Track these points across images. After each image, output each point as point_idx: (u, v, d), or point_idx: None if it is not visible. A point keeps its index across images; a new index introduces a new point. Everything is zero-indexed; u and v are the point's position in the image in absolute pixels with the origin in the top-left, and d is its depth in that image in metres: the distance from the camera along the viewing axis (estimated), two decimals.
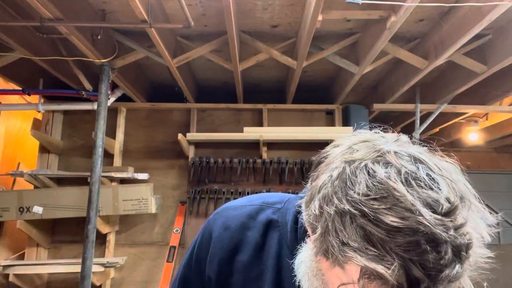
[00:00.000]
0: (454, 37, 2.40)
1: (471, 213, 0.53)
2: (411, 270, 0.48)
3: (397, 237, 0.48)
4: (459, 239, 0.49)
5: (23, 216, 3.18)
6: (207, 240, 0.82)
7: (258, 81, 3.84)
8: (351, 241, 0.51)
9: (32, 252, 3.44)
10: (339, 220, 0.52)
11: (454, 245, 0.49)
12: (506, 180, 5.05)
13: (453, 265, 0.49)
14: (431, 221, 0.48)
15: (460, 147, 5.22)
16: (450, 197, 0.51)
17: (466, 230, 0.50)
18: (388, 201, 0.50)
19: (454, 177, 0.56)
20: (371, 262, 0.49)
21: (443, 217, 0.49)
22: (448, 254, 0.49)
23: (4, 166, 3.93)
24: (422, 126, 3.59)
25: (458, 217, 0.50)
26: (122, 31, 2.80)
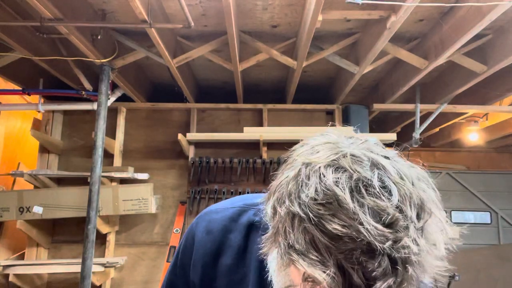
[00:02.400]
0: (454, 37, 2.40)
1: (428, 224, 0.51)
2: (350, 278, 0.48)
3: (338, 244, 0.48)
4: (395, 252, 0.48)
5: (23, 216, 3.18)
6: (190, 244, 0.82)
7: (258, 81, 3.84)
8: (297, 244, 0.50)
9: (32, 252, 3.44)
10: (289, 222, 0.52)
11: (391, 258, 0.48)
12: (506, 180, 5.05)
13: (386, 278, 0.47)
14: (371, 231, 0.47)
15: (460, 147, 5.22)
16: (400, 207, 0.49)
17: (407, 243, 0.48)
18: (332, 207, 0.49)
19: (417, 185, 0.53)
20: (312, 267, 0.48)
21: (386, 228, 0.48)
22: (382, 266, 0.47)
23: (4, 166, 3.93)
24: (422, 126, 3.60)
25: (400, 229, 0.48)
26: (122, 31, 2.80)
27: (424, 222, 0.50)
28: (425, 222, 0.51)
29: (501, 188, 5.03)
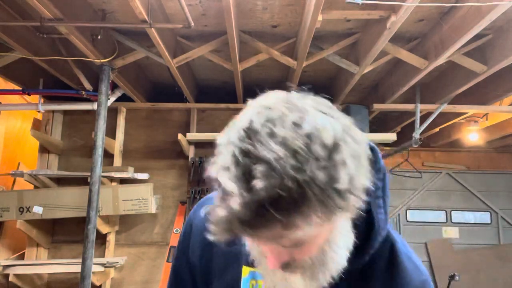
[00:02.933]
0: (454, 37, 2.40)
1: (338, 156, 0.55)
2: (255, 192, 0.53)
3: (249, 164, 0.54)
4: (297, 176, 0.52)
5: (23, 216, 3.18)
6: (188, 230, 0.90)
7: (258, 81, 3.84)
8: (222, 164, 0.57)
9: (32, 252, 3.44)
10: (223, 147, 0.59)
11: (291, 180, 0.52)
12: (506, 180, 5.06)
13: (285, 198, 0.52)
14: (274, 153, 0.53)
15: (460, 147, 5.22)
16: (307, 142, 0.54)
17: (310, 170, 0.53)
18: (250, 133, 0.56)
19: (337, 132, 0.58)
20: (226, 180, 0.56)
21: (288, 153, 0.53)
22: (280, 187, 0.52)
23: (4, 166, 3.92)
24: (422, 126, 3.59)
25: (301, 158, 0.53)
26: (122, 31, 2.80)
27: (327, 160, 0.54)
28: (329, 160, 0.54)
29: (501, 188, 5.03)
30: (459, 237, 4.92)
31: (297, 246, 0.62)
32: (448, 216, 4.98)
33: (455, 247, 4.88)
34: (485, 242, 4.91)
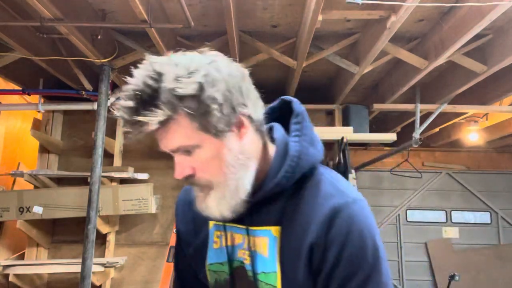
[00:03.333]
0: (454, 37, 2.40)
1: (194, 76, 0.75)
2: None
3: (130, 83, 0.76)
4: (151, 82, 0.74)
5: (23, 216, 3.18)
6: (176, 209, 1.06)
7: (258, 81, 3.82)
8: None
9: (32, 252, 3.44)
10: None
11: (148, 84, 0.75)
12: (506, 180, 5.06)
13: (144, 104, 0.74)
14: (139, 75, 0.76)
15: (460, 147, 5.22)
16: (159, 71, 0.75)
17: (165, 80, 0.74)
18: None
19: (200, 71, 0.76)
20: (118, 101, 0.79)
21: (155, 73, 0.75)
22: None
23: (4, 166, 3.92)
24: (422, 126, 3.59)
25: (163, 75, 0.75)
26: (122, 31, 2.80)
27: (183, 77, 0.74)
28: (185, 77, 0.74)
29: (501, 188, 5.03)
30: (459, 237, 4.92)
31: (185, 152, 0.80)
32: (448, 216, 4.98)
33: (455, 247, 4.88)
34: (485, 242, 4.91)
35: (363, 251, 0.77)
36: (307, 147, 0.86)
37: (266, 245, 0.84)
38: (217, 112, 0.76)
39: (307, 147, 0.86)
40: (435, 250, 4.85)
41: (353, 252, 0.77)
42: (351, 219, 0.78)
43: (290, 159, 0.84)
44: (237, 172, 0.81)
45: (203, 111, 0.75)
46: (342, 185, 0.84)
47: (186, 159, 0.81)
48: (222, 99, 0.76)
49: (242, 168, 0.82)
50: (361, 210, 0.80)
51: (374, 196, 4.94)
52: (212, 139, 0.79)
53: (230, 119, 0.79)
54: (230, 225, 0.89)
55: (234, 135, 0.81)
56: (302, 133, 0.87)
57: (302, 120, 0.89)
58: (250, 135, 0.84)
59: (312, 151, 0.87)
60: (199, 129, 0.77)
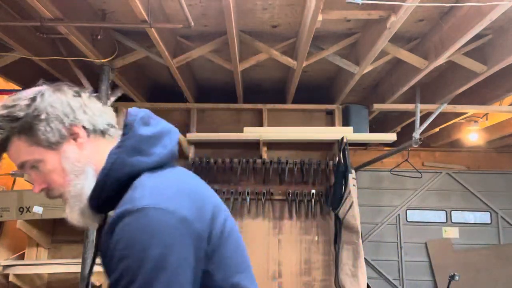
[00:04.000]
0: (454, 37, 2.40)
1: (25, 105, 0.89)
2: None
3: None
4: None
5: (23, 216, 3.17)
6: None
7: (258, 81, 3.84)
8: None
9: (32, 252, 3.44)
10: None
11: None
12: (506, 180, 5.05)
13: None
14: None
15: (460, 147, 5.22)
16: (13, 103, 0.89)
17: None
18: None
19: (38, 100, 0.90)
20: None
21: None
22: None
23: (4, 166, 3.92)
24: (422, 126, 3.59)
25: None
26: (122, 31, 2.80)
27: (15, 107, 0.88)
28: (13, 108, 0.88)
29: (501, 188, 5.03)
30: (459, 237, 4.92)
31: (33, 168, 0.90)
32: (448, 216, 4.98)
33: (455, 247, 4.87)
34: (485, 242, 4.90)
35: (127, 259, 0.76)
36: (125, 157, 0.89)
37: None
38: (43, 126, 0.88)
39: (124, 157, 0.89)
40: (435, 250, 4.85)
41: (119, 258, 0.77)
42: (126, 227, 0.77)
43: (103, 169, 0.89)
44: (77, 179, 0.90)
45: (28, 128, 0.87)
46: (141, 193, 0.83)
47: (37, 175, 0.91)
48: (45, 115, 0.88)
49: (81, 174, 0.91)
50: (143, 219, 0.78)
51: (374, 196, 4.93)
52: (50, 152, 0.90)
53: (60, 131, 0.90)
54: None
55: (71, 145, 0.91)
56: (124, 144, 0.91)
57: (129, 130, 0.92)
58: (88, 144, 0.93)
59: (132, 160, 0.89)
60: (34, 144, 0.89)
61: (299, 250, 3.63)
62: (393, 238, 4.91)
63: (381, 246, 4.87)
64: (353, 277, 3.23)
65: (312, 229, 3.66)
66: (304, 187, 3.67)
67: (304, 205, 3.66)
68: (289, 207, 3.67)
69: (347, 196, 3.32)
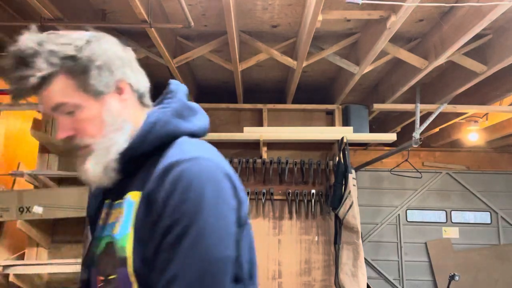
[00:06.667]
0: (454, 37, 2.40)
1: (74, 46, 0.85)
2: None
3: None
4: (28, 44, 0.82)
5: (23, 216, 3.17)
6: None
7: (258, 81, 3.84)
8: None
9: (32, 252, 3.44)
10: None
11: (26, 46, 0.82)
12: (506, 180, 5.05)
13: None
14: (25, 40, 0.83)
15: (460, 147, 5.22)
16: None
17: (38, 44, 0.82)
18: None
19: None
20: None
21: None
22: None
23: (4, 166, 3.92)
24: (422, 126, 3.59)
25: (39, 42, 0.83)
26: (122, 31, 2.80)
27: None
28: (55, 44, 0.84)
29: (501, 188, 5.02)
30: (459, 237, 4.92)
31: (68, 113, 0.86)
32: (448, 216, 4.98)
33: (455, 247, 4.87)
34: (485, 242, 4.90)
35: (184, 203, 0.77)
36: (170, 116, 0.91)
37: (123, 212, 0.86)
38: (95, 73, 0.85)
39: (169, 117, 0.91)
40: (435, 250, 4.85)
41: (175, 205, 0.77)
42: (181, 173, 0.79)
43: (145, 124, 0.90)
44: (113, 133, 0.88)
45: (81, 70, 0.83)
46: (189, 147, 0.86)
47: (68, 120, 0.86)
48: (100, 62, 0.86)
49: (119, 129, 0.89)
50: (197, 166, 0.81)
51: (374, 196, 4.93)
52: (92, 101, 0.86)
53: (109, 82, 0.87)
54: (105, 202, 0.96)
55: (113, 98, 0.89)
56: (170, 106, 0.93)
57: (174, 96, 0.96)
58: (129, 102, 0.92)
59: (175, 121, 0.91)
60: (78, 88, 0.85)
61: (299, 250, 3.63)
62: (393, 238, 4.91)
63: (381, 246, 4.87)
64: (353, 277, 3.23)
65: (312, 229, 3.66)
66: (304, 187, 3.67)
67: (304, 205, 3.66)
68: (289, 207, 3.68)
69: (347, 196, 3.32)
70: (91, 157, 0.87)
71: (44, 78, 0.82)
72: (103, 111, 0.87)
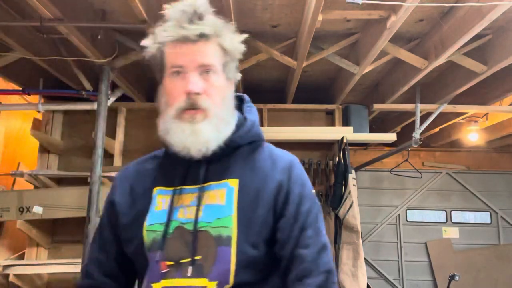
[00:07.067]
0: (454, 37, 2.40)
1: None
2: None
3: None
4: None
5: (23, 216, 3.17)
6: (114, 184, 1.12)
7: (258, 81, 3.84)
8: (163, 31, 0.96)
9: (32, 252, 3.44)
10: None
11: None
12: (506, 180, 5.05)
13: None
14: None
15: (460, 147, 5.22)
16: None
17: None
18: None
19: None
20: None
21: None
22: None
23: (4, 166, 3.92)
24: (422, 126, 3.59)
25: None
26: (122, 31, 2.80)
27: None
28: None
29: (501, 188, 5.02)
30: (459, 237, 4.92)
31: (206, 70, 0.93)
32: (448, 216, 4.98)
33: (455, 247, 4.87)
34: (485, 242, 4.90)
35: (310, 191, 1.01)
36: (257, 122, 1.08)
37: (224, 195, 0.94)
38: (234, 64, 1.00)
39: (257, 122, 1.08)
40: (435, 250, 4.85)
41: (308, 192, 1.00)
42: (301, 169, 1.03)
43: (249, 121, 1.03)
44: (229, 114, 0.99)
45: (231, 55, 0.98)
46: (282, 151, 1.09)
47: (201, 80, 0.93)
48: (237, 60, 1.01)
49: (232, 115, 1.00)
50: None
51: (374, 196, 4.93)
52: (224, 77, 0.97)
53: (235, 75, 1.02)
54: (180, 188, 0.98)
55: (232, 88, 1.03)
56: (255, 114, 1.10)
57: (251, 107, 1.11)
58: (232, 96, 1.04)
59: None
60: (223, 64, 0.96)
61: None
62: (393, 238, 4.91)
63: (381, 246, 4.86)
64: (353, 277, 3.23)
65: None
66: None
67: None
68: None
69: (347, 196, 3.32)
70: (206, 122, 0.93)
71: (208, 35, 0.93)
72: (227, 91, 0.99)
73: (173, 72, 0.94)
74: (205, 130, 0.93)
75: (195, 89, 0.91)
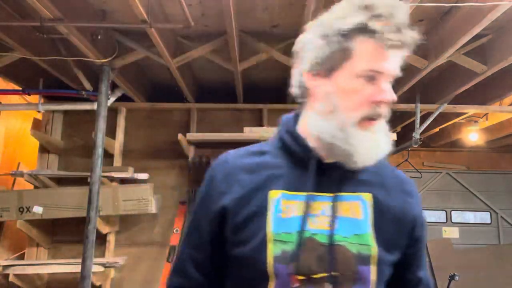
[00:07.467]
0: (454, 37, 2.39)
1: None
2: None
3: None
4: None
5: (23, 216, 3.18)
6: (210, 178, 0.98)
7: (258, 81, 3.84)
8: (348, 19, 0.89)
9: (32, 252, 3.44)
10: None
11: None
12: (506, 180, 5.06)
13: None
14: None
15: (460, 147, 5.22)
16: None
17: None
18: None
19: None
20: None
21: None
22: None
23: (4, 166, 3.92)
24: (422, 126, 3.59)
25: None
26: (122, 31, 2.80)
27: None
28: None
29: (501, 188, 5.03)
30: (459, 237, 4.92)
31: (392, 81, 0.91)
32: (448, 216, 4.99)
33: (455, 247, 4.87)
34: (485, 242, 4.91)
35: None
36: None
37: (359, 208, 0.89)
38: None
39: None
40: (435, 250, 4.85)
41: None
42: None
43: None
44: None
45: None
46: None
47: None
48: None
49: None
50: None
51: None
52: None
53: None
54: (312, 194, 0.88)
55: None
56: None
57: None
58: None
59: None
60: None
61: None
62: None
63: None
64: None
65: None
66: None
67: None
68: None
69: None
70: (382, 132, 0.89)
71: (410, 46, 0.89)
72: None
73: (367, 76, 0.85)
74: (382, 141, 0.88)
75: (393, 97, 0.88)
